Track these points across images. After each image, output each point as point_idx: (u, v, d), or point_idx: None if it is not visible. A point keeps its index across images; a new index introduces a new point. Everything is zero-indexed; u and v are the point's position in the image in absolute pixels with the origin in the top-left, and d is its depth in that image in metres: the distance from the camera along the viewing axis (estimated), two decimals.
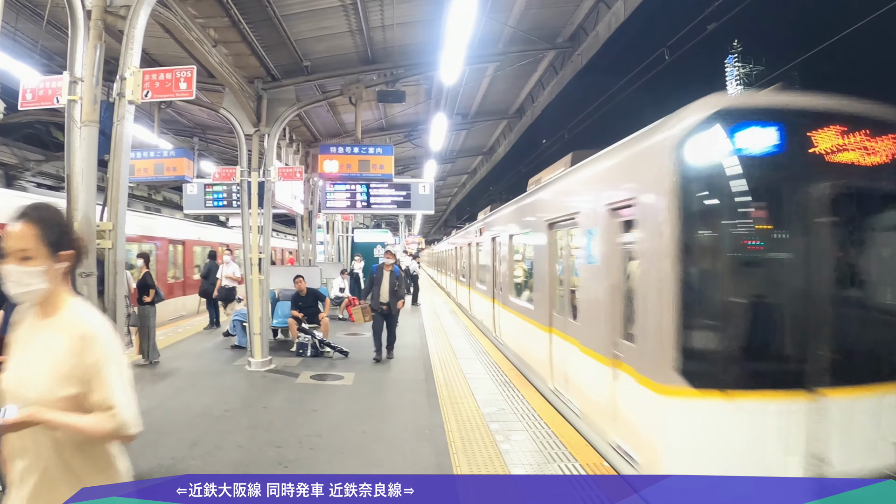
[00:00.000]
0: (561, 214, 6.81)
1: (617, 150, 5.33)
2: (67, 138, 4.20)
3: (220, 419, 6.45)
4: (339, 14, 8.06)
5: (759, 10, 34.16)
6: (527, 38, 9.94)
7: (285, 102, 9.55)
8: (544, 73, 12.06)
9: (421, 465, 5.11)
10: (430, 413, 6.66)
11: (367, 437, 5.92)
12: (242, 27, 7.68)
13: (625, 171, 5.01)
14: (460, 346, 11.37)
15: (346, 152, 10.27)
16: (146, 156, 10.71)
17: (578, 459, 5.11)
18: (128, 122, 4.58)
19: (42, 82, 4.51)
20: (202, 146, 14.97)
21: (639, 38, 15.80)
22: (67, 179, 4.18)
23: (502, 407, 6.84)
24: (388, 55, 9.79)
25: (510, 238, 10.32)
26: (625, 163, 5.03)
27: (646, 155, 4.47)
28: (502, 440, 5.66)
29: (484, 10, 8.17)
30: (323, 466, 5.13)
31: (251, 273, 9.10)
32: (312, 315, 10.57)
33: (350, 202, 13.16)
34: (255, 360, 9.00)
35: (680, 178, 3.86)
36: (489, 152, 20.70)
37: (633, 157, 4.82)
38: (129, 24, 4.62)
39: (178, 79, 4.97)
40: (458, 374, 8.64)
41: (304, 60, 9.25)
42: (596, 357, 5.20)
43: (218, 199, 13.87)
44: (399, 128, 15.16)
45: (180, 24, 6.28)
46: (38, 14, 7.31)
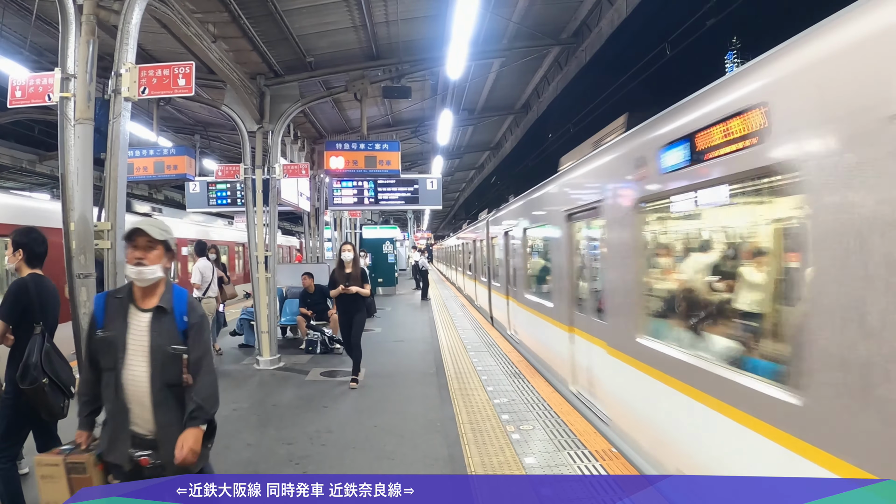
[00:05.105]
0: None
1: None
2: (61, 136, 4.12)
3: (229, 418, 6.40)
4: (342, 9, 7.97)
5: (758, 6, 33.03)
6: (531, 33, 9.89)
7: (289, 99, 9.48)
8: (549, 69, 12.00)
9: (432, 457, 5.08)
10: (442, 406, 6.61)
11: (379, 430, 5.88)
12: (243, 22, 7.60)
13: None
14: (470, 338, 11.29)
15: (353, 148, 10.19)
16: (146, 154, 10.65)
17: (588, 447, 5.12)
18: (124, 119, 4.51)
19: (32, 79, 4.42)
20: (204, 143, 14.93)
21: (641, 34, 15.80)
22: (62, 179, 4.10)
23: (513, 398, 6.79)
24: (393, 51, 9.71)
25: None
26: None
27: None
28: (513, 430, 5.62)
29: (488, 6, 8.12)
30: (334, 461, 5.09)
31: (258, 271, 9.06)
32: (321, 312, 10.52)
33: (357, 199, 13.09)
34: (264, 358, 8.97)
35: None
36: (496, 147, 20.63)
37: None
38: (123, 19, 4.54)
39: (176, 75, 4.89)
40: (468, 367, 8.56)
41: (307, 56, 9.18)
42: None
43: (222, 196, 13.84)
44: (405, 124, 15.10)
45: (177, 20, 6.20)
46: (27, 9, 7.20)
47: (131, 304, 2.69)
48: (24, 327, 3.63)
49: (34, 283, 3.68)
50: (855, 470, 2.39)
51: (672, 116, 4.17)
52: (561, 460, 4.84)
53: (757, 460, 3.07)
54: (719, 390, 3.44)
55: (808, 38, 2.85)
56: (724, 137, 3.37)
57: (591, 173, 6.05)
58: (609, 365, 5.35)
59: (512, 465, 4.80)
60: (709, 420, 3.52)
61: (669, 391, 4.08)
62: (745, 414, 3.17)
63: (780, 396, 2.87)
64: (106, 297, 2.75)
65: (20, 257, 3.75)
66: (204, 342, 2.77)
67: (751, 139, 3.12)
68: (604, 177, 5.63)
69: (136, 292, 2.71)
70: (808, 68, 2.80)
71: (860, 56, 2.48)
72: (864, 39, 2.47)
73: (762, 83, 3.12)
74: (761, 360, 3.31)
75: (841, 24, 2.64)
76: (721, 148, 3.40)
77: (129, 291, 2.72)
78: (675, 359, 4.02)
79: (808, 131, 2.73)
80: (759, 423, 3.04)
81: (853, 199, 2.44)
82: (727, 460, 3.41)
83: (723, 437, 3.40)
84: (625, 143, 5.14)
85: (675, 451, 4.10)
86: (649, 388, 4.40)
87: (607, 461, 4.78)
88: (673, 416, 4.10)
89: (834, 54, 2.63)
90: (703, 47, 5.80)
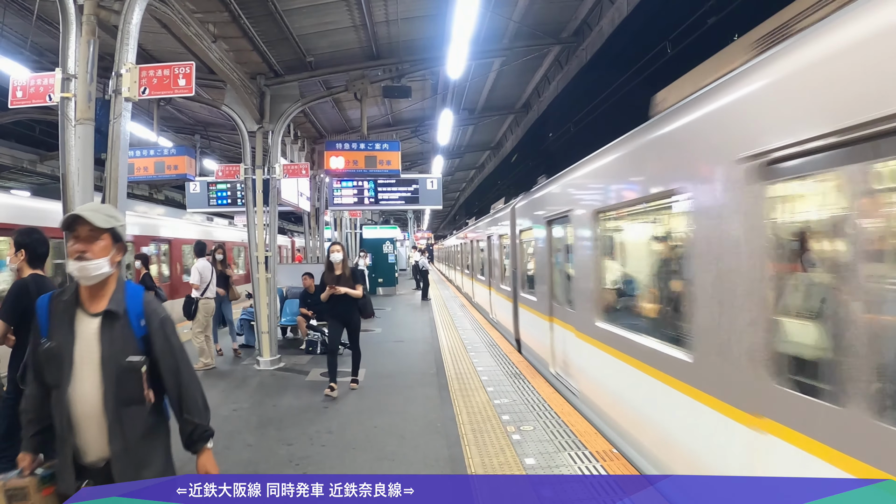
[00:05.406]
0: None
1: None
2: (62, 137, 4.12)
3: (229, 419, 6.40)
4: (342, 9, 7.97)
5: (759, 4, 33.60)
6: (532, 33, 9.91)
7: (289, 99, 9.49)
8: (550, 68, 11.99)
9: (433, 458, 5.07)
10: (442, 406, 6.60)
11: (379, 431, 5.87)
12: (243, 22, 7.61)
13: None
14: (470, 339, 11.29)
15: (353, 148, 10.20)
16: (146, 154, 10.66)
17: (588, 448, 5.11)
18: (125, 119, 4.51)
19: (33, 79, 4.42)
20: (204, 143, 14.94)
21: (641, 33, 15.77)
22: (63, 179, 4.10)
23: (513, 398, 6.78)
24: (393, 50, 9.71)
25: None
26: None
27: None
28: (513, 431, 5.61)
29: (488, 5, 8.14)
30: (334, 462, 5.08)
31: (258, 271, 9.07)
32: (321, 312, 10.50)
33: (357, 199, 13.11)
34: (264, 358, 8.97)
35: None
36: (497, 147, 20.63)
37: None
38: (123, 19, 4.54)
39: (176, 75, 4.89)
40: (468, 368, 8.56)
41: (307, 56, 9.18)
42: None
43: (222, 197, 13.85)
44: (406, 123, 15.11)
45: (178, 20, 6.21)
46: (27, 9, 7.22)
47: (78, 308, 2.27)
48: (25, 328, 3.62)
49: (35, 283, 3.68)
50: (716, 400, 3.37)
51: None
52: (561, 461, 4.84)
53: (665, 402, 4.10)
54: (646, 357, 4.46)
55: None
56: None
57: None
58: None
59: (512, 465, 4.80)
60: (639, 379, 4.56)
61: (613, 360, 5.15)
62: (657, 370, 4.24)
63: (678, 356, 3.91)
64: (49, 301, 2.32)
65: (22, 258, 3.75)
66: (174, 347, 2.37)
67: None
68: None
69: (83, 293, 2.28)
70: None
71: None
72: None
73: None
74: (664, 331, 4.34)
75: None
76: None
77: (74, 292, 2.28)
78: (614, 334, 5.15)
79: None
80: (664, 375, 4.12)
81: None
82: (649, 408, 4.49)
83: (647, 389, 4.42)
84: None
85: (621, 407, 5.16)
86: (601, 359, 5.54)
87: (608, 462, 4.77)
88: (617, 379, 5.15)
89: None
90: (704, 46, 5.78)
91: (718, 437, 3.38)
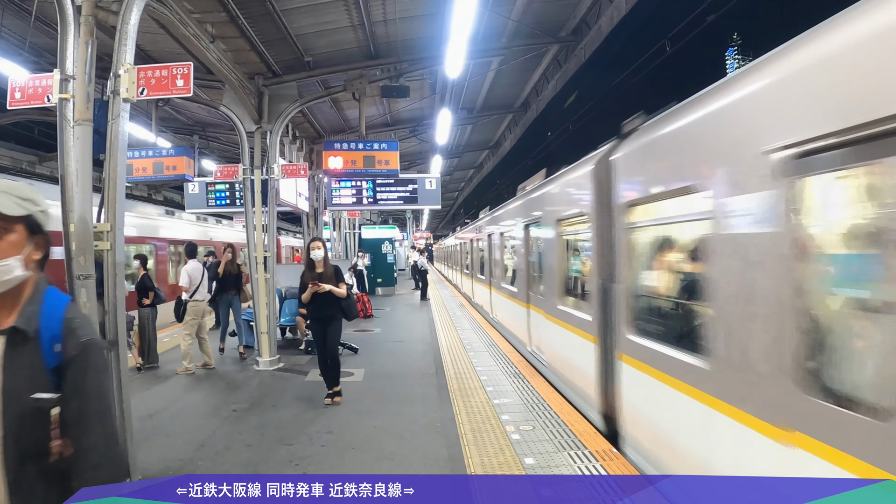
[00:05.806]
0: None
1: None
2: (60, 138, 4.11)
3: (228, 419, 6.41)
4: (340, 8, 7.96)
5: (759, 1, 33.20)
6: (530, 31, 9.89)
7: (287, 98, 9.47)
8: (548, 67, 11.98)
9: (432, 458, 5.08)
10: (441, 406, 6.61)
11: (379, 431, 5.88)
12: (241, 22, 7.60)
13: None
14: (469, 338, 11.29)
15: (351, 148, 10.20)
16: (145, 155, 10.66)
17: (588, 447, 5.12)
18: (123, 120, 4.49)
19: (32, 80, 4.41)
20: (202, 144, 14.91)
21: (640, 31, 15.74)
22: (62, 180, 4.09)
23: (513, 398, 6.78)
24: (392, 50, 9.70)
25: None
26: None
27: None
28: (513, 431, 5.62)
29: (487, 4, 8.14)
30: (334, 462, 5.09)
31: (257, 272, 9.06)
32: None
33: (356, 199, 13.09)
34: (264, 359, 8.97)
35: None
36: (496, 146, 20.61)
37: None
38: (121, 19, 4.53)
39: (174, 75, 4.88)
40: (468, 367, 8.56)
41: (305, 56, 9.18)
42: None
43: (220, 197, 13.83)
44: (404, 123, 15.09)
45: (176, 20, 6.20)
46: (26, 10, 7.22)
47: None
48: None
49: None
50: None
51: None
52: (561, 460, 4.84)
53: (590, 360, 5.84)
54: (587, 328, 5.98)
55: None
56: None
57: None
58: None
59: (512, 465, 4.80)
60: (586, 346, 5.99)
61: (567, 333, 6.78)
62: (586, 333, 6.02)
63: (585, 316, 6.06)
64: None
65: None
66: (88, 386, 1.65)
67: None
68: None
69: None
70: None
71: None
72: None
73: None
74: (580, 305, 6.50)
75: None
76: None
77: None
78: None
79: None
80: (587, 335, 5.95)
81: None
82: (591, 369, 5.82)
83: (588, 356, 5.93)
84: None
85: (574, 369, 6.65)
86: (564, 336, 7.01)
87: (607, 461, 4.78)
88: (569, 348, 6.79)
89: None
90: (703, 44, 5.79)
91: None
